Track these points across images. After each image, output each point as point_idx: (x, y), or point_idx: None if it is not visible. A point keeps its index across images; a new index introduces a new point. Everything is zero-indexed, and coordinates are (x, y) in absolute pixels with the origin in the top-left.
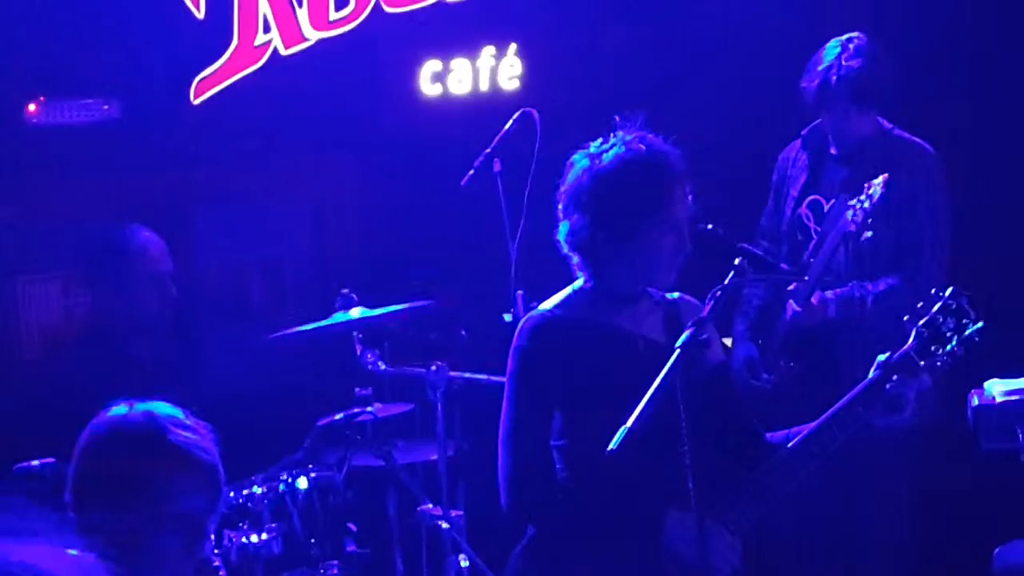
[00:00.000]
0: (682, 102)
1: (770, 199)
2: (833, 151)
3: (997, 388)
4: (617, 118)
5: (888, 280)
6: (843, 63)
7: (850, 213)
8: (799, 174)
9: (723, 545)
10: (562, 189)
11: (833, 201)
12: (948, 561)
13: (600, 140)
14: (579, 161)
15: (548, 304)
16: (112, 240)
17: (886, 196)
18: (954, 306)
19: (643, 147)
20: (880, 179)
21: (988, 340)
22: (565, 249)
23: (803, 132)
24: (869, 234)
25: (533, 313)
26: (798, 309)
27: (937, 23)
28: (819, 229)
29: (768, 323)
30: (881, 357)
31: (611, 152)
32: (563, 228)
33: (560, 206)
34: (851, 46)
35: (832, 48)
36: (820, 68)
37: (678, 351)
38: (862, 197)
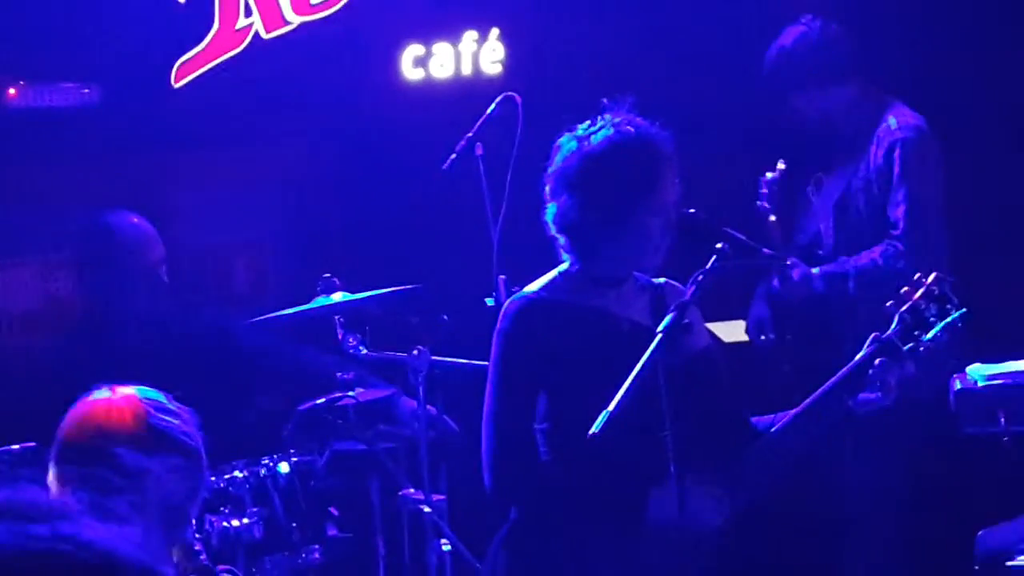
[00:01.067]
0: (667, 85)
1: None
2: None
3: (979, 372)
4: (605, 101)
5: (871, 255)
6: (772, 57)
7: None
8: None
9: (704, 535)
10: (550, 171)
11: (820, 175)
12: (931, 544)
13: (588, 123)
14: (567, 143)
15: (533, 287)
16: (104, 228)
17: (782, 178)
18: (937, 292)
19: (632, 130)
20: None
21: (972, 325)
22: (552, 231)
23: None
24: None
25: (517, 296)
26: (777, 287)
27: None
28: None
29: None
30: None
31: (600, 134)
32: (551, 209)
33: (547, 188)
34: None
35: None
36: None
37: (660, 335)
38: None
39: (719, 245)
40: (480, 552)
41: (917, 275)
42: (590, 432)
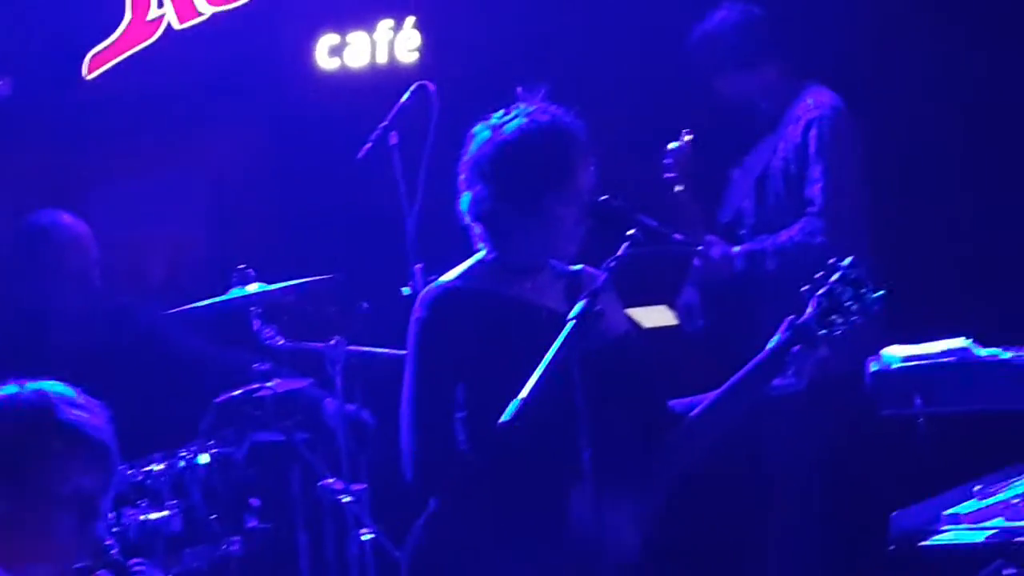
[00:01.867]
0: (582, 72)
1: None
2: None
3: (895, 353)
4: (519, 89)
5: (789, 232)
6: (695, 39)
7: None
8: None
9: (623, 520)
10: (464, 159)
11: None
12: (845, 525)
13: (502, 111)
14: (481, 132)
15: (449, 276)
16: (37, 231)
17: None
18: (853, 276)
19: (546, 118)
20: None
21: (889, 307)
22: (467, 219)
23: None
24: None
25: (434, 285)
26: (698, 265)
27: None
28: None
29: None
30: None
31: (513, 123)
32: (465, 199)
33: (462, 176)
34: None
35: None
36: None
37: (571, 322)
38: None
39: (630, 232)
40: (402, 541)
41: (832, 259)
42: (500, 420)
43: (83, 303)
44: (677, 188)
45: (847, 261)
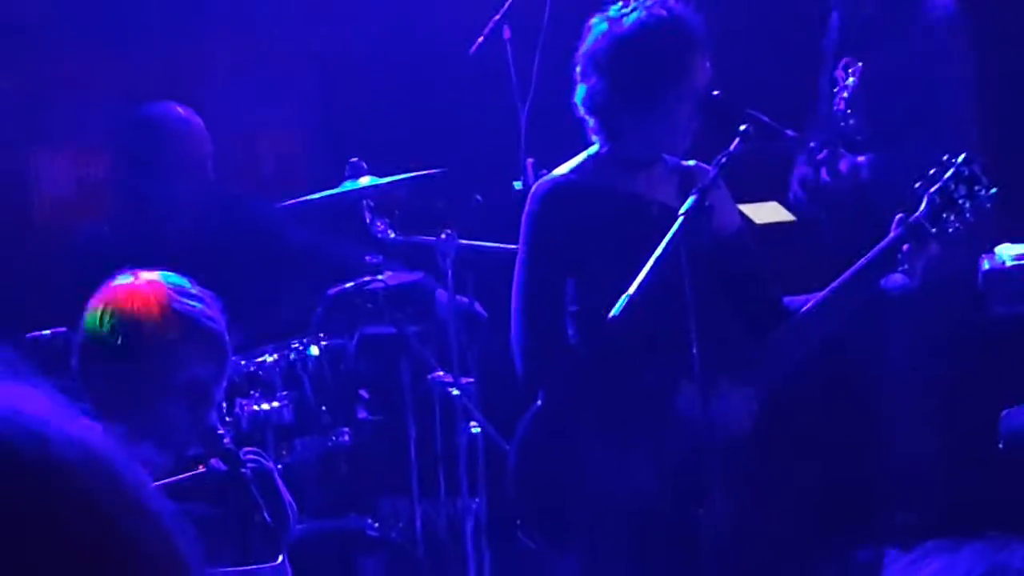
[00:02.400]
0: None
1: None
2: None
3: (1008, 252)
4: None
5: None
6: None
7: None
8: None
9: (736, 405)
10: (580, 52)
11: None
12: (957, 423)
13: (620, 4)
14: (598, 24)
15: (562, 169)
16: (152, 122)
17: (860, 85)
18: (966, 173)
19: (664, 12)
20: (854, 68)
21: (1001, 206)
22: (581, 111)
23: None
24: (853, 122)
25: (546, 178)
26: (827, 179)
27: None
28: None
29: None
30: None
31: (631, 16)
32: (580, 90)
33: (578, 68)
34: None
35: None
36: None
37: (680, 218)
38: (842, 84)
39: (742, 127)
40: (509, 434)
41: (946, 156)
42: (609, 315)
43: (196, 194)
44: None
45: (960, 158)
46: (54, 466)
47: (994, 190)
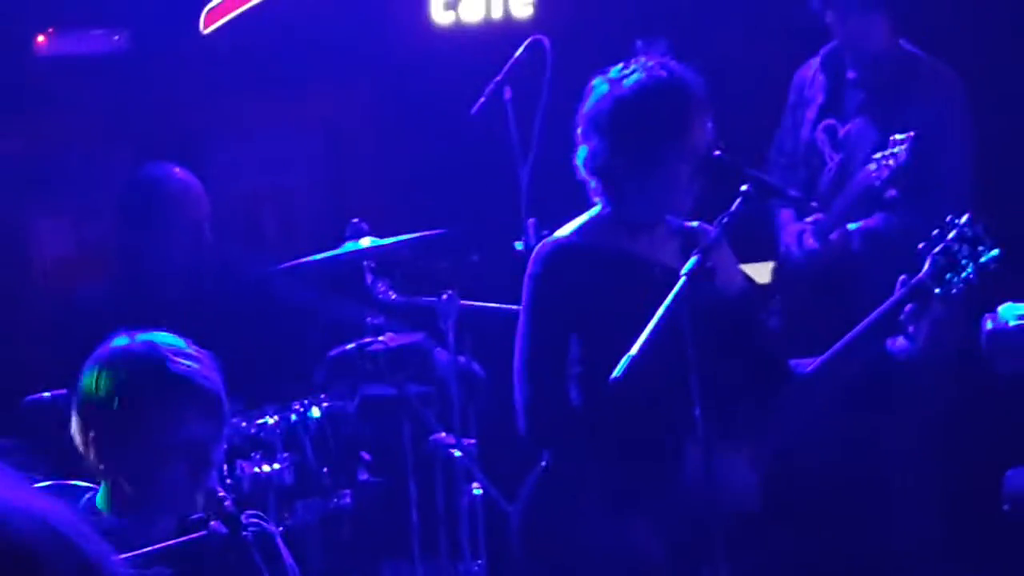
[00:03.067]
0: (699, 27)
1: (786, 119)
2: (850, 74)
3: (1011, 312)
4: (639, 43)
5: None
6: None
7: (873, 166)
8: (815, 95)
9: (741, 476)
10: (581, 112)
11: (849, 126)
12: (960, 483)
13: (621, 66)
14: (599, 86)
15: (564, 231)
16: (150, 183)
17: (910, 157)
18: (970, 234)
19: (664, 73)
20: (905, 137)
21: (1004, 266)
22: (583, 173)
23: (821, 51)
24: (893, 192)
25: (548, 240)
26: (815, 245)
27: None
28: (834, 155)
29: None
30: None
31: (632, 78)
32: (581, 152)
33: (579, 130)
34: None
35: None
36: None
37: (683, 278)
38: (887, 153)
39: (744, 187)
40: (512, 495)
41: (949, 216)
42: (611, 377)
43: (194, 255)
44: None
45: (964, 219)
46: (15, 545)
47: (997, 251)
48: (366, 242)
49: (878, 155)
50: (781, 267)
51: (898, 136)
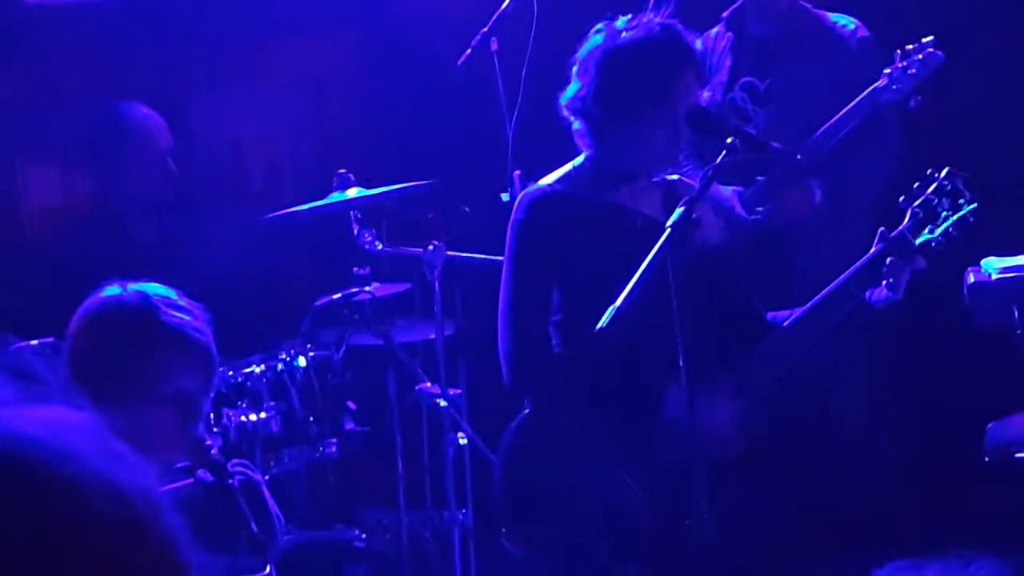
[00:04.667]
0: None
1: None
2: (756, 32)
3: (994, 265)
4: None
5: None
6: None
7: (887, 80)
8: (723, 59)
9: (722, 416)
10: (577, 53)
11: (769, 81)
12: (942, 437)
13: (628, 17)
14: (598, 31)
15: (548, 179)
16: (110, 119)
17: (936, 61)
18: (949, 187)
19: (660, 35)
20: (929, 40)
21: (984, 219)
22: (564, 112)
23: (723, 14)
24: (918, 100)
25: (532, 188)
26: (745, 216)
27: None
28: (758, 110)
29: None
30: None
31: (630, 33)
32: (568, 90)
33: (574, 68)
34: None
35: None
36: None
37: (668, 230)
38: (906, 62)
39: (729, 140)
40: (496, 445)
41: (929, 169)
42: (597, 326)
43: (161, 189)
44: None
45: (944, 172)
46: (68, 486)
47: (975, 204)
48: (353, 192)
49: (888, 70)
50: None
51: (908, 46)
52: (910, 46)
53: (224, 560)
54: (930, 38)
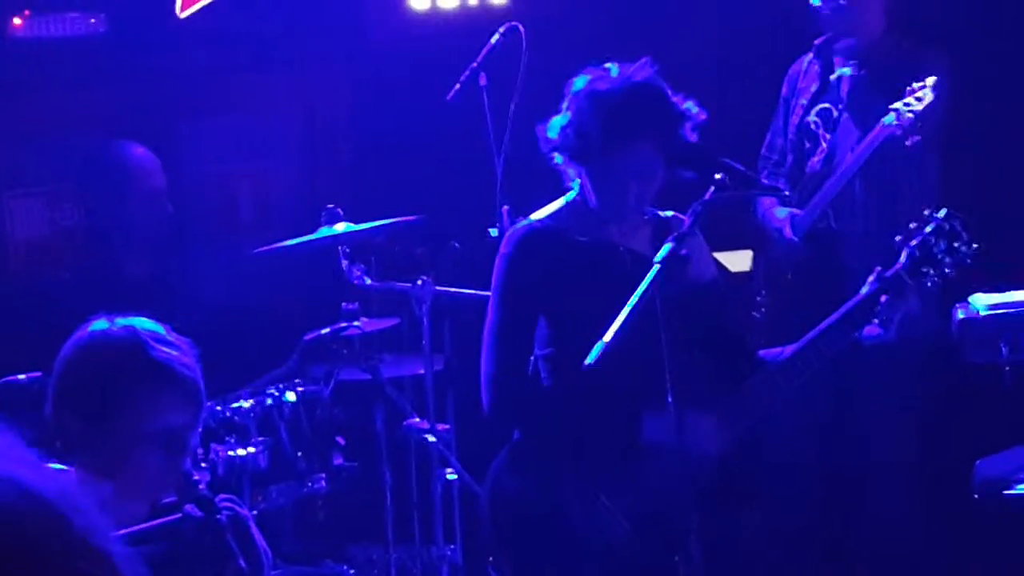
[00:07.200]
0: (676, 20)
1: (778, 114)
2: (840, 64)
3: (982, 302)
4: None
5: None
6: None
7: (892, 116)
8: (810, 83)
9: (703, 430)
10: (567, 91)
11: (842, 108)
12: (930, 473)
13: (618, 65)
14: (587, 73)
15: (538, 215)
16: (107, 157)
17: (937, 100)
18: (947, 228)
19: (633, 85)
20: (930, 81)
21: (977, 256)
22: (546, 146)
23: (816, 42)
24: (917, 139)
25: (522, 223)
26: (793, 238)
27: None
28: (828, 137)
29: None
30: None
31: (611, 77)
32: (558, 119)
33: (564, 103)
34: None
35: None
36: None
37: (657, 266)
38: (907, 100)
39: (717, 176)
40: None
41: (927, 210)
42: (585, 363)
43: (156, 228)
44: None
45: (942, 213)
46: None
47: (975, 246)
48: (341, 227)
49: (897, 104)
50: (769, 251)
51: (915, 84)
52: (917, 84)
53: None
54: (933, 79)
